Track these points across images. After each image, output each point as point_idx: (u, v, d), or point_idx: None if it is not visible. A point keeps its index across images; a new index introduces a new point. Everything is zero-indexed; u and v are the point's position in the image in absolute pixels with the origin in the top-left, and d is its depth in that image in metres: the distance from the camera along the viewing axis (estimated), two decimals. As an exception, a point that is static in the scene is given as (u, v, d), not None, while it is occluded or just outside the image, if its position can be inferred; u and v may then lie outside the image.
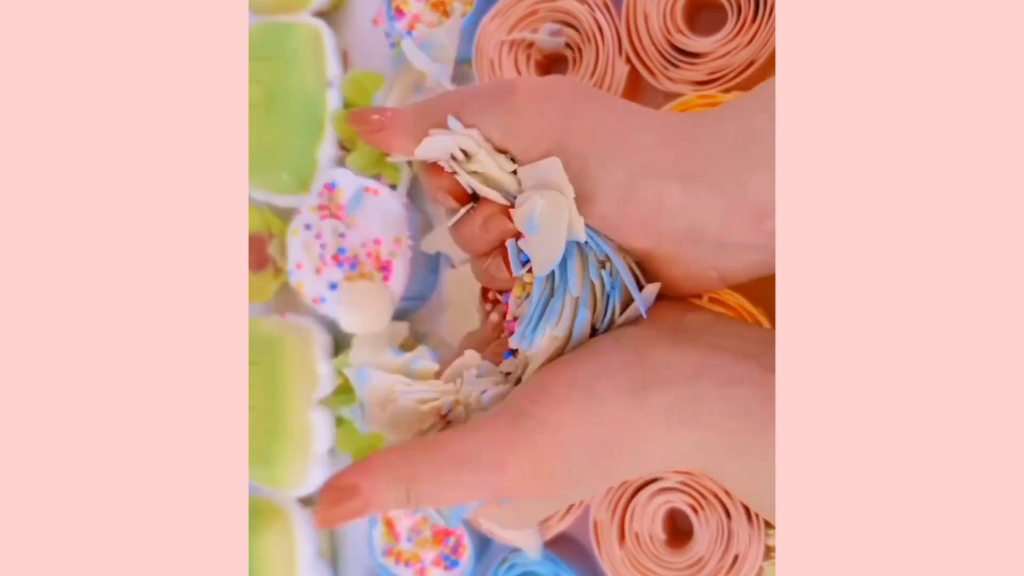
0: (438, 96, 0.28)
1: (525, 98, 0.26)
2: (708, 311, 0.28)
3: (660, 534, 0.40)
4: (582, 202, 0.26)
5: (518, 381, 0.27)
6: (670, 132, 0.25)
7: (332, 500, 0.24)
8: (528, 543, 0.43)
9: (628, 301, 0.27)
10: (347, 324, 0.47)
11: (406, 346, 0.48)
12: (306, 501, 0.52)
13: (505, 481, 0.24)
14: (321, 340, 0.50)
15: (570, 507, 0.42)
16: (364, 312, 0.47)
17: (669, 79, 0.39)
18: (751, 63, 0.37)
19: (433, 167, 0.28)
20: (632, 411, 0.24)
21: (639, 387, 0.25)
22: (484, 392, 0.27)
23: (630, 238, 0.26)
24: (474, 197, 0.28)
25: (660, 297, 0.28)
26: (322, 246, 0.48)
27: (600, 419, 0.24)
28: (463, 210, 0.28)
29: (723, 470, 0.26)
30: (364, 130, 0.28)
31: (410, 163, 0.49)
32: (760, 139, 0.23)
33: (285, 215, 0.52)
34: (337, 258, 0.48)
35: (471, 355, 0.28)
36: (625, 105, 0.27)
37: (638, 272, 0.27)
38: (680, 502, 0.39)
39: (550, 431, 0.24)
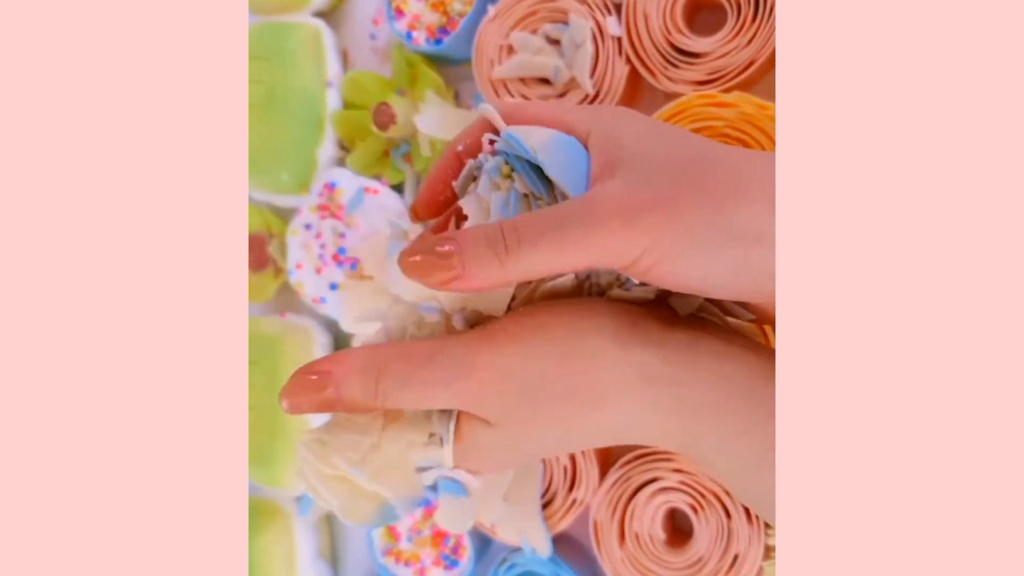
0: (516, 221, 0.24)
1: (609, 218, 0.22)
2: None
3: (660, 534, 0.40)
4: (697, 268, 0.23)
5: None
6: (761, 178, 0.23)
7: (303, 384, 0.24)
8: (538, 542, 0.43)
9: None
10: (347, 324, 0.47)
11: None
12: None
13: (470, 386, 0.23)
14: (321, 340, 0.50)
15: (571, 505, 0.42)
16: (365, 312, 0.47)
17: (669, 79, 0.39)
18: (751, 63, 0.37)
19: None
20: (611, 354, 0.24)
21: (625, 339, 0.24)
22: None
23: (759, 295, 0.24)
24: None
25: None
26: (322, 246, 0.48)
27: (574, 351, 0.23)
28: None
29: (701, 445, 0.24)
30: (439, 278, 0.23)
31: (410, 162, 0.49)
32: None
33: (285, 215, 0.52)
34: (337, 258, 0.48)
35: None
36: (700, 149, 0.24)
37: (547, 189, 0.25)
38: (680, 502, 0.39)
39: (519, 343, 0.23)
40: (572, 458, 0.42)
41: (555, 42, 0.42)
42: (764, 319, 0.26)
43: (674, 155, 0.24)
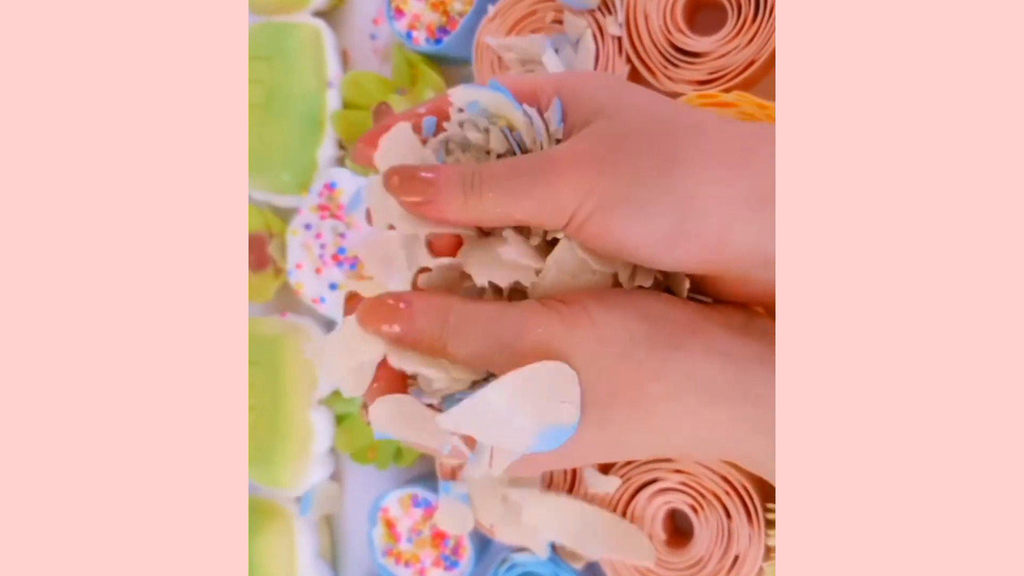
0: (490, 165, 0.25)
1: (565, 175, 0.23)
2: (771, 321, 0.25)
3: (660, 534, 0.40)
4: (628, 229, 0.23)
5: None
6: (728, 150, 0.23)
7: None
8: (535, 543, 0.43)
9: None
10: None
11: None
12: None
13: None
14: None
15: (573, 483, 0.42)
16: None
17: (669, 79, 0.39)
18: (751, 63, 0.37)
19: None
20: (660, 360, 0.23)
21: (670, 344, 0.23)
22: None
23: (690, 266, 0.24)
24: None
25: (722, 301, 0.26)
26: (322, 246, 0.48)
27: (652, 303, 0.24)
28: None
29: (746, 453, 0.24)
30: (411, 200, 0.24)
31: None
32: None
33: (285, 215, 0.52)
34: (337, 258, 0.48)
35: None
36: (672, 113, 0.24)
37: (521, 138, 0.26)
38: (680, 502, 0.39)
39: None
40: (572, 458, 0.42)
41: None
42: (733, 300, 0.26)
43: (636, 117, 0.24)
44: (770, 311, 0.25)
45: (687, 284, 0.26)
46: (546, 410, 0.23)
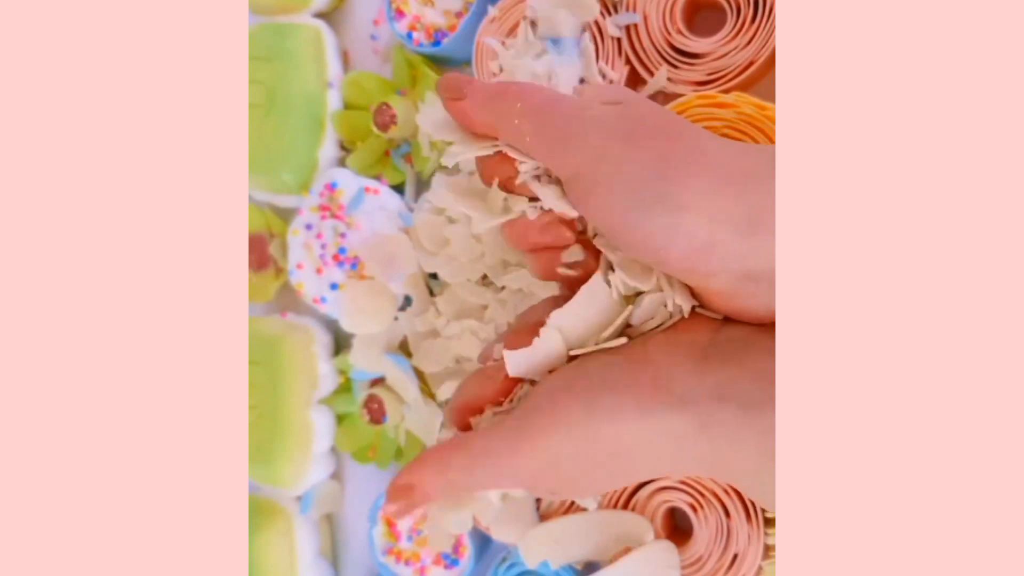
0: (516, 87, 0.27)
1: (579, 117, 0.25)
2: (746, 326, 0.26)
3: (660, 533, 0.40)
4: (625, 215, 0.24)
5: None
6: (728, 170, 0.24)
7: (395, 499, 0.28)
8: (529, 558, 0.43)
9: None
10: (348, 324, 0.47)
11: (404, 346, 0.48)
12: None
13: (521, 477, 0.26)
14: (322, 340, 0.50)
15: (569, 505, 0.42)
16: (365, 312, 0.47)
17: (669, 79, 0.39)
18: (750, 63, 0.37)
19: (501, 156, 0.28)
20: (640, 429, 0.24)
21: (647, 405, 0.24)
22: None
23: (676, 270, 0.25)
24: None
25: (695, 311, 0.27)
26: (323, 246, 0.48)
27: (600, 435, 0.25)
28: (524, 208, 0.28)
29: (740, 484, 0.26)
30: (447, 96, 0.27)
31: (411, 163, 0.49)
32: None
33: (286, 215, 0.52)
34: (338, 258, 0.48)
35: None
36: (680, 132, 0.25)
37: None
38: (679, 501, 0.39)
39: (548, 440, 0.25)
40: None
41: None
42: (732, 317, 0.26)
43: (650, 113, 0.26)
44: (760, 324, 0.25)
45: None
46: None
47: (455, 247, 0.31)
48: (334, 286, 0.48)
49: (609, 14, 0.41)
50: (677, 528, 0.42)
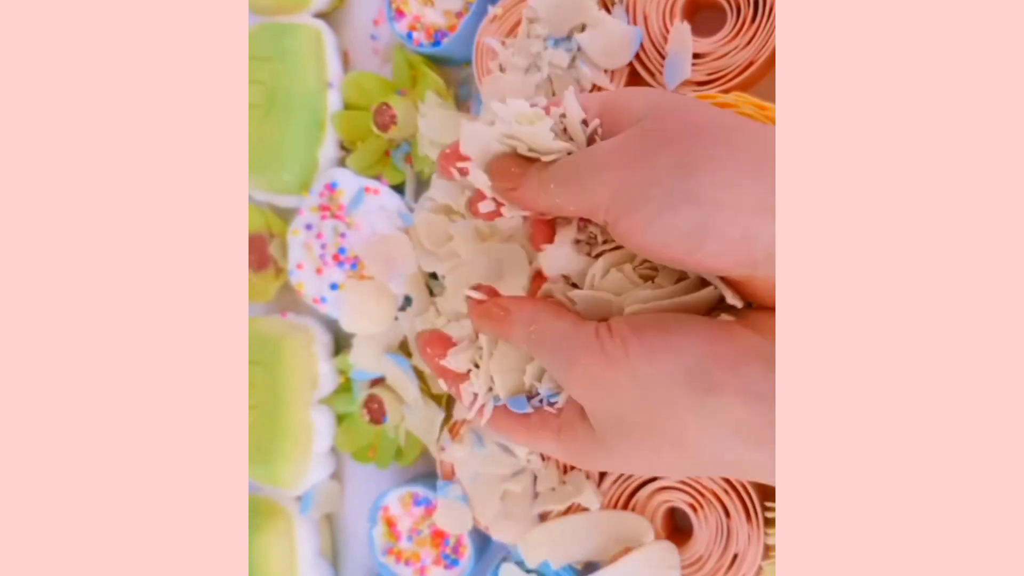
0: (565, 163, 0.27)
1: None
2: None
3: (660, 533, 0.40)
4: (652, 227, 0.24)
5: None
6: (754, 152, 0.23)
7: (487, 311, 0.28)
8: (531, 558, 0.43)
9: None
10: (348, 324, 0.47)
11: (404, 346, 0.48)
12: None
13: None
14: (321, 340, 0.51)
15: (569, 505, 0.42)
16: (365, 312, 0.47)
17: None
18: (750, 63, 0.37)
19: (542, 221, 0.29)
20: (696, 405, 0.24)
21: (706, 387, 0.23)
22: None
23: (717, 267, 0.24)
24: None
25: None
26: (323, 246, 0.48)
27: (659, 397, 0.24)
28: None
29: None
30: (502, 185, 0.28)
31: (411, 163, 0.49)
32: None
33: (286, 215, 0.52)
34: (338, 258, 0.48)
35: None
36: (703, 117, 0.25)
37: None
38: (679, 501, 0.39)
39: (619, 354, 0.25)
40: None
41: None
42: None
43: (668, 122, 0.25)
44: None
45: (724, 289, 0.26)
46: None
47: (457, 242, 0.31)
48: (334, 286, 0.48)
49: (609, 13, 0.41)
50: (677, 528, 0.42)
